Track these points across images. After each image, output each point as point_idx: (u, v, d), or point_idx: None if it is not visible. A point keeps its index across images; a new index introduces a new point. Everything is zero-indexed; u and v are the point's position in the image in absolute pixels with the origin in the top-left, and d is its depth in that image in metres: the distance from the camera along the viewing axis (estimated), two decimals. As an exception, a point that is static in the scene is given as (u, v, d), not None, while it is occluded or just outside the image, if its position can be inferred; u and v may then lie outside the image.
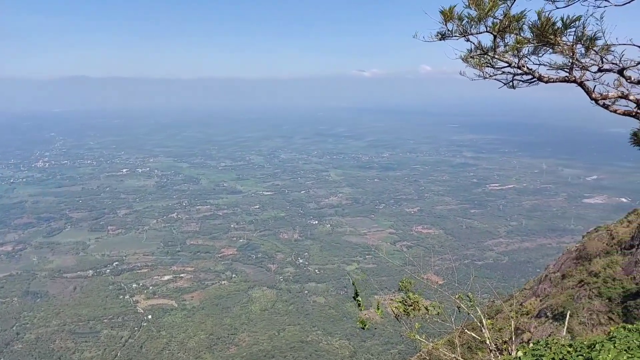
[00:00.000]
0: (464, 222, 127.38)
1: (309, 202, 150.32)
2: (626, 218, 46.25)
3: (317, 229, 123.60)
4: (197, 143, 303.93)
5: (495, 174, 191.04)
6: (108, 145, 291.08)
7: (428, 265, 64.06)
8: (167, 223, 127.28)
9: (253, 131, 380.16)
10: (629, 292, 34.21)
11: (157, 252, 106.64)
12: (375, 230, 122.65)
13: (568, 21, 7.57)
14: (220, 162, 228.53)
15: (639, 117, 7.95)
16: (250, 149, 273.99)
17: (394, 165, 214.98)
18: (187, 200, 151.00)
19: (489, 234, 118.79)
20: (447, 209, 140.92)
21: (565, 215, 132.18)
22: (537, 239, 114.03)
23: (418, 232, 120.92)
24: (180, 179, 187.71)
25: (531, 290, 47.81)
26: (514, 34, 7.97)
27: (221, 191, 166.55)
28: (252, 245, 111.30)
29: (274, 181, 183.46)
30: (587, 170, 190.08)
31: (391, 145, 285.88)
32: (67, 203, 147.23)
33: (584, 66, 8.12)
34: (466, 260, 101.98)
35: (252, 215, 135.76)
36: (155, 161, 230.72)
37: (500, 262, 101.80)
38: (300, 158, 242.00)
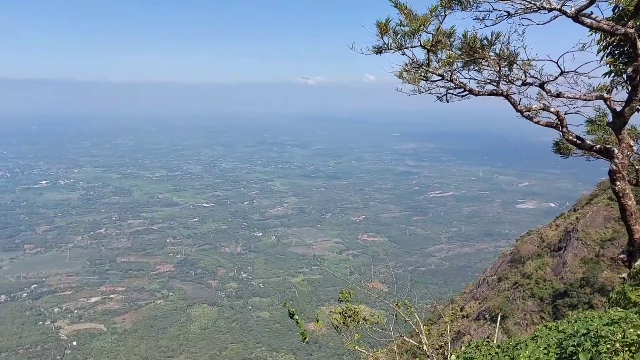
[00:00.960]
0: (408, 229, 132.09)
1: (252, 213, 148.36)
2: (554, 222, 50.43)
3: (261, 241, 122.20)
4: (128, 152, 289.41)
5: (436, 181, 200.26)
6: (24, 154, 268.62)
7: (373, 273, 65.36)
8: (95, 239, 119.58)
9: (191, 139, 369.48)
10: (557, 292, 37.20)
11: (82, 271, 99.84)
12: (322, 240, 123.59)
13: (493, 38, 8.31)
14: (154, 172, 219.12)
15: (559, 128, 8.78)
16: (188, 158, 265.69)
17: (339, 174, 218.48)
18: (118, 214, 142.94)
19: (431, 240, 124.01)
20: (391, 217, 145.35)
21: (500, 220, 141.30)
22: (476, 244, 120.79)
23: (364, 240, 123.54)
24: (110, 191, 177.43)
25: (470, 294, 50.52)
26: (446, 50, 8.56)
27: (156, 203, 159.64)
28: (190, 260, 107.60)
29: (214, 192, 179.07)
30: (519, 177, 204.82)
31: (337, 154, 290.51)
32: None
33: (510, 80, 8.92)
34: (410, 266, 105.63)
35: (191, 228, 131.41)
36: (80, 172, 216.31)
37: (442, 267, 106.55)
38: (243, 167, 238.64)
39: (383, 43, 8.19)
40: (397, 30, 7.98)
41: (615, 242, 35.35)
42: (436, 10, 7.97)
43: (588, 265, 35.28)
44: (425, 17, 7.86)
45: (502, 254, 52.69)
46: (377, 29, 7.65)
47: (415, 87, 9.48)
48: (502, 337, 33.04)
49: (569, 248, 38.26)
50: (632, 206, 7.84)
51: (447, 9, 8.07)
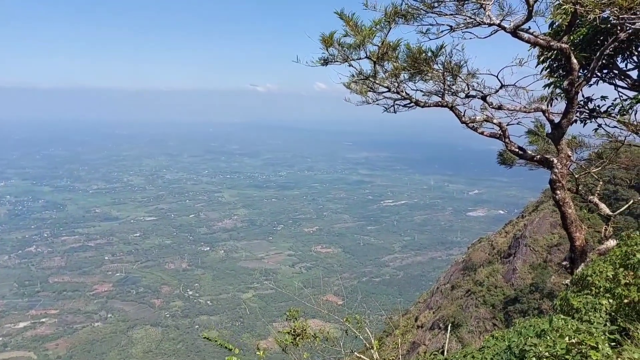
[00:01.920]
0: (362, 239, 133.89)
1: (199, 227, 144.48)
2: (504, 229, 53.02)
3: (209, 256, 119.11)
4: (62, 163, 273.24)
5: (389, 190, 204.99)
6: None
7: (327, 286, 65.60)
8: (24, 259, 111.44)
9: (131, 149, 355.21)
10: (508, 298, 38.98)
11: (9, 294, 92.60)
12: (274, 253, 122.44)
13: (436, 51, 8.67)
14: (91, 185, 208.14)
15: (502, 139, 9.25)
16: (128, 169, 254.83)
17: (291, 184, 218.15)
18: (50, 231, 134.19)
19: (385, 250, 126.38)
20: (345, 227, 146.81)
21: (452, 228, 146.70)
22: (429, 253, 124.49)
23: (317, 252, 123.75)
24: (41, 205, 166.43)
25: (425, 303, 51.86)
26: (392, 62, 8.82)
27: (92, 218, 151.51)
28: (131, 279, 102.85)
29: (157, 205, 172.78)
30: (469, 185, 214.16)
31: (288, 163, 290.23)
32: None
33: (454, 92, 9.33)
34: (364, 277, 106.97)
35: (132, 244, 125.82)
36: (6, 185, 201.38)
37: (396, 277, 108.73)
38: (188, 178, 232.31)
39: (329, 55, 8.32)
40: (342, 42, 8.14)
41: (561, 248, 37.62)
42: (381, 23, 8.23)
43: (537, 271, 37.28)
44: (370, 30, 8.08)
45: (455, 262, 54.64)
46: (322, 42, 7.77)
47: (363, 98, 9.71)
48: (456, 346, 34.03)
49: (518, 254, 40.35)
50: (572, 214, 8.39)
51: (391, 22, 8.37)
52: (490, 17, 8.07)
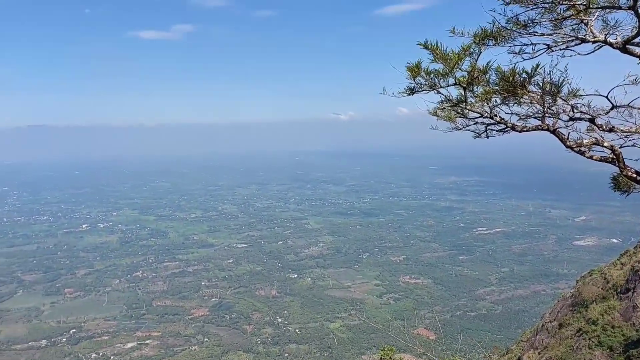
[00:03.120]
0: (453, 270, 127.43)
1: (287, 254, 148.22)
2: (619, 260, 47.19)
3: (296, 283, 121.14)
4: (164, 193, 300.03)
5: (481, 217, 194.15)
6: (67, 199, 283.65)
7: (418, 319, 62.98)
8: (132, 283, 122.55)
9: (225, 179, 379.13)
10: (630, 340, 34.25)
11: (119, 316, 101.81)
12: (360, 282, 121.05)
13: (532, 71, 8.14)
14: (190, 213, 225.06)
15: (615, 163, 8.34)
16: (222, 198, 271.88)
17: (376, 211, 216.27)
18: (154, 257, 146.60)
19: (480, 281, 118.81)
20: (434, 257, 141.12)
21: (557, 259, 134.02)
22: (531, 286, 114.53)
23: (406, 282, 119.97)
24: (147, 233, 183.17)
25: (528, 342, 47.37)
26: (482, 86, 8.44)
27: (191, 245, 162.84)
28: (225, 304, 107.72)
29: (249, 232, 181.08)
30: (574, 211, 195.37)
31: (372, 190, 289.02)
32: (20, 264, 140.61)
33: (555, 114, 8.64)
34: (458, 311, 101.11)
35: (226, 270, 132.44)
36: (118, 215, 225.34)
37: (494, 312, 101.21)
38: (277, 206, 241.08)
39: (416, 84, 8.21)
40: (429, 70, 7.99)
41: (691, 283, 32.51)
42: (469, 48, 7.96)
43: (662, 309, 32.43)
44: (458, 56, 7.85)
45: (562, 297, 49.50)
46: (409, 72, 7.69)
47: (452, 124, 9.38)
48: (566, 392, 30.46)
49: (639, 290, 35.52)
50: None
51: (481, 46, 8.05)
52: (594, 33, 7.45)
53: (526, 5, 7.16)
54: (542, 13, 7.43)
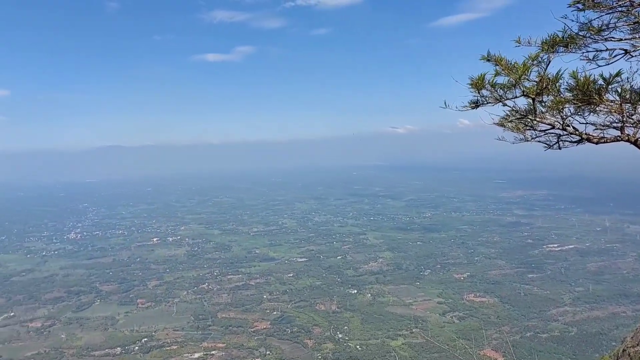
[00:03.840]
0: (522, 289, 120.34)
1: (346, 269, 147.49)
2: None
3: (356, 298, 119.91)
4: (228, 208, 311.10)
5: (552, 233, 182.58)
6: (139, 214, 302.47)
7: (485, 339, 60.09)
8: (198, 294, 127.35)
9: (285, 194, 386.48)
10: None
11: (187, 326, 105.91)
12: (422, 300, 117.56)
13: (610, 78, 7.67)
14: (252, 228, 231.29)
15: None
16: (282, 213, 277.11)
17: (437, 226, 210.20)
18: (219, 270, 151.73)
19: (551, 301, 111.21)
20: (501, 274, 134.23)
21: (638, 278, 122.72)
22: (609, 307, 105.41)
23: (470, 300, 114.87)
24: (212, 246, 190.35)
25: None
26: (552, 95, 8.09)
27: (253, 259, 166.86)
28: (286, 318, 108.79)
29: (308, 246, 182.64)
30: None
31: (433, 205, 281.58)
32: (98, 275, 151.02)
33: (636, 124, 8.06)
34: (528, 332, 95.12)
35: (286, 284, 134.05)
36: (186, 229, 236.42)
37: (568, 334, 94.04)
38: (335, 220, 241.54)
39: (480, 97, 8.01)
40: (494, 83, 7.78)
41: None
42: (537, 57, 7.65)
43: None
44: (525, 66, 7.57)
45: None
46: (472, 87, 7.53)
47: (520, 135, 8.99)
48: None
49: None
50: None
51: (550, 54, 7.71)
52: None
53: (601, 10, 6.83)
54: (618, 17, 7.05)
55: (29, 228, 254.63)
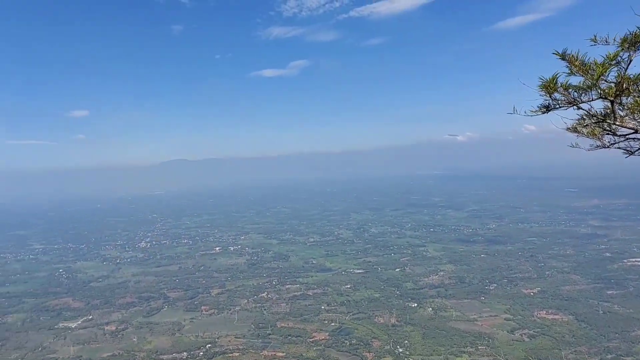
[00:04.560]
0: (600, 306, 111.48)
1: (405, 282, 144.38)
2: None
3: (417, 312, 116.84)
4: (285, 218, 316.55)
5: (633, 245, 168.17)
6: (203, 223, 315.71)
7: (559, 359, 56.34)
8: (258, 303, 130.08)
9: (340, 204, 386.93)
10: None
11: (248, 334, 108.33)
12: (488, 316, 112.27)
13: None
14: (308, 238, 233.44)
15: None
16: (338, 223, 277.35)
17: (503, 238, 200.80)
18: (277, 279, 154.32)
19: (635, 321, 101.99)
20: (576, 290, 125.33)
21: None
22: None
23: (541, 318, 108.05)
24: (270, 256, 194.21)
25: None
26: (634, 97, 7.67)
27: (310, 269, 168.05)
28: (345, 329, 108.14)
29: (365, 257, 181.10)
30: None
31: (497, 215, 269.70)
32: (165, 282, 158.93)
33: None
34: (609, 354, 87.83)
35: (344, 295, 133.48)
36: (246, 238, 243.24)
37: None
38: (392, 232, 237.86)
39: (552, 100, 7.65)
40: (568, 85, 7.39)
41: None
42: (617, 56, 7.20)
43: None
44: (603, 65, 7.15)
45: None
46: (544, 90, 7.19)
47: (597, 141, 8.45)
48: None
49: None
50: None
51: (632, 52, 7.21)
52: None
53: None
54: None
55: (105, 237, 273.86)
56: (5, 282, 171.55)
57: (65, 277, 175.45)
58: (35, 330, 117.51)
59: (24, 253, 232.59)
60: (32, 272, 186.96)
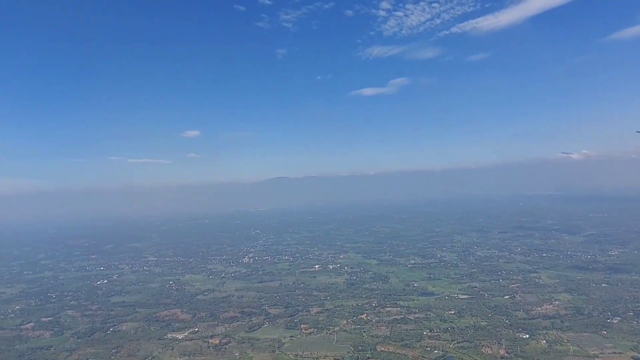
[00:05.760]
0: None
1: (515, 310, 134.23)
2: None
3: (528, 344, 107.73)
4: (385, 238, 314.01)
5: None
6: (303, 240, 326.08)
7: None
8: (357, 325, 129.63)
9: (443, 225, 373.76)
10: None
11: (347, 356, 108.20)
12: (611, 352, 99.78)
13: None
14: (409, 259, 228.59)
15: None
16: (441, 245, 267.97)
17: (627, 267, 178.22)
18: (377, 301, 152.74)
19: None
20: None
21: None
22: None
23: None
24: (369, 276, 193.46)
25: None
26: None
27: (411, 292, 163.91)
28: (449, 358, 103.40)
29: (470, 282, 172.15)
30: None
31: (620, 241, 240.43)
32: (267, 298, 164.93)
33: None
34: None
35: (448, 321, 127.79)
36: (345, 257, 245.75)
37: None
38: (500, 256, 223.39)
39: None
40: None
41: None
42: None
43: None
44: None
45: None
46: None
47: None
48: None
49: None
50: None
51: None
52: None
53: None
54: None
55: (211, 251, 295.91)
56: (122, 291, 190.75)
57: (175, 289, 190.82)
58: (146, 339, 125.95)
59: (139, 265, 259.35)
60: (146, 283, 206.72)
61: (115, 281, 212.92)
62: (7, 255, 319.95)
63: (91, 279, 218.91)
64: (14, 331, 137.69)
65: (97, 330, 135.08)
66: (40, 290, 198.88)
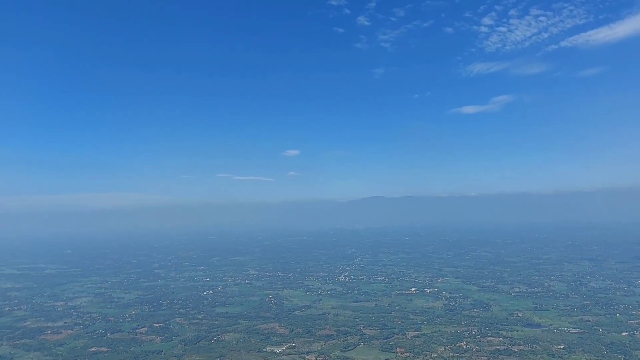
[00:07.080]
0: None
1: (636, 349, 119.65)
2: None
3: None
4: (486, 263, 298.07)
5: None
6: (399, 262, 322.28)
7: None
8: (456, 352, 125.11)
9: (551, 252, 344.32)
10: None
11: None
12: None
13: None
14: (513, 287, 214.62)
15: None
16: (549, 273, 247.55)
17: None
18: (477, 329, 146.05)
19: None
20: None
21: None
22: None
23: None
24: (469, 303, 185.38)
25: None
26: None
27: (515, 322, 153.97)
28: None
29: (582, 315, 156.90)
30: None
31: None
32: (362, 318, 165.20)
33: None
34: None
35: (556, 357, 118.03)
36: (443, 281, 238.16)
37: None
38: (618, 288, 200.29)
39: None
40: None
41: None
42: None
43: None
44: None
45: None
46: None
47: None
48: None
49: None
50: None
51: None
52: None
53: None
54: None
55: (309, 268, 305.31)
56: (225, 302, 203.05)
57: (274, 303, 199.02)
58: (246, 350, 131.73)
59: (242, 277, 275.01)
60: (247, 295, 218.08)
61: (219, 292, 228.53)
62: (126, 264, 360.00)
63: (198, 289, 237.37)
64: (130, 334, 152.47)
65: (202, 339, 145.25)
66: (154, 297, 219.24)
